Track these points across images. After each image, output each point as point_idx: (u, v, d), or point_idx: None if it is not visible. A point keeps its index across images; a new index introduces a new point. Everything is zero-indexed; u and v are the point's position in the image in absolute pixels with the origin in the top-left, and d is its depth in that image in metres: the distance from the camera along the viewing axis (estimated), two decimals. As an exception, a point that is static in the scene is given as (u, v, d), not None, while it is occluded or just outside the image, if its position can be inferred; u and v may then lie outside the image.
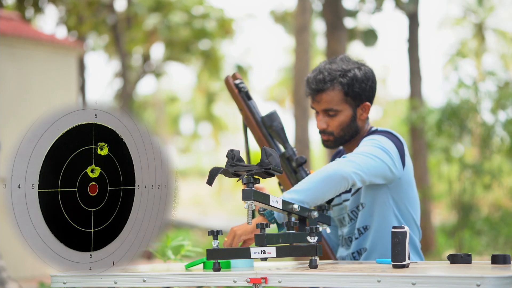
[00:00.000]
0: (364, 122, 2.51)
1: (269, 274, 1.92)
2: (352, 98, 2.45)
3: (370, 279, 1.82)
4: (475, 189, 8.13)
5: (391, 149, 2.38)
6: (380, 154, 2.34)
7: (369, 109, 2.50)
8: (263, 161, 2.03)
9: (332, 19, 7.67)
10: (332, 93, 2.45)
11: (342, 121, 2.46)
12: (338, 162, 2.29)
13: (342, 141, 2.50)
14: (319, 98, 2.47)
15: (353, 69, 2.46)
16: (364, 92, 2.46)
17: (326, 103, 2.46)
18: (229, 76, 2.59)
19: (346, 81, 2.44)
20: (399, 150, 2.41)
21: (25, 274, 7.15)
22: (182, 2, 13.56)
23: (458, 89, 8.01)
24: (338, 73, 2.45)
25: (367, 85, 2.47)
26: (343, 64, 2.47)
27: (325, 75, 2.46)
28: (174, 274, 2.06)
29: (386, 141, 2.40)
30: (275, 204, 2.13)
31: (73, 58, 8.32)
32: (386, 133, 2.46)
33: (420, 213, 2.54)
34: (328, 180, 2.24)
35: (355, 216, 2.49)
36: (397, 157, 2.40)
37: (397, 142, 2.43)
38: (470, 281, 1.72)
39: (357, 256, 2.49)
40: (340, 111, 2.46)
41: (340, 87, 2.44)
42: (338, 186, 2.25)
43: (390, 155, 2.36)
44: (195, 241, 11.21)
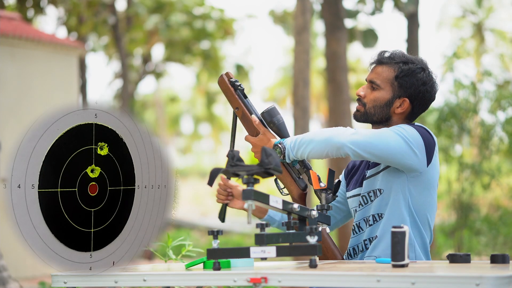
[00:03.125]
0: (398, 117, 2.50)
1: (269, 274, 1.92)
2: (398, 85, 2.47)
3: (369, 279, 1.82)
4: (474, 189, 8.13)
5: (414, 138, 2.36)
6: (393, 137, 2.34)
7: (406, 108, 2.48)
8: (263, 161, 2.03)
9: (332, 19, 7.67)
10: (385, 69, 2.49)
11: (378, 98, 2.48)
12: (343, 131, 2.35)
13: (369, 119, 2.51)
14: (375, 68, 2.51)
15: (416, 65, 2.49)
16: (412, 87, 2.46)
17: (375, 74, 2.50)
18: (223, 75, 2.59)
19: (404, 67, 2.47)
20: (427, 144, 2.39)
21: (26, 274, 7.15)
22: (183, 3, 13.57)
23: (456, 89, 8.01)
24: (403, 58, 2.50)
25: (419, 85, 2.47)
26: (411, 56, 2.52)
27: (390, 53, 2.52)
28: (174, 274, 2.06)
29: (411, 130, 2.38)
30: (275, 204, 2.14)
31: (74, 58, 8.32)
32: (418, 126, 2.44)
33: (434, 218, 2.53)
34: (324, 143, 2.33)
35: (364, 202, 2.48)
36: (421, 149, 2.37)
37: (428, 137, 2.41)
38: (469, 281, 1.72)
39: (368, 243, 2.47)
40: (382, 88, 2.48)
41: (395, 69, 2.48)
42: (330, 152, 2.34)
43: (408, 142, 2.34)
44: (195, 241, 11.22)
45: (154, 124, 22.52)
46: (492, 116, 8.18)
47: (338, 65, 7.57)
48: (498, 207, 9.35)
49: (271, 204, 2.13)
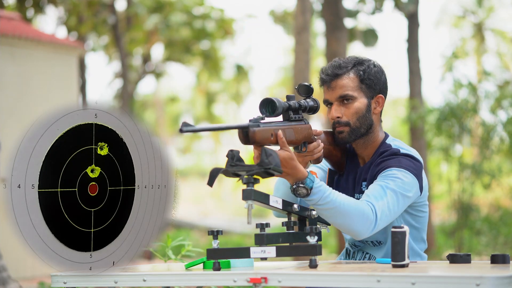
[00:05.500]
0: (378, 117, 2.46)
1: (269, 274, 1.92)
2: (367, 87, 2.41)
3: (370, 279, 1.82)
4: (475, 189, 8.12)
5: (413, 187, 2.32)
6: (400, 203, 2.29)
7: (383, 103, 2.46)
8: (263, 161, 2.03)
9: (332, 19, 7.66)
10: (347, 79, 2.41)
11: (358, 109, 2.40)
12: (365, 222, 2.19)
13: (358, 134, 2.41)
14: (334, 84, 2.41)
15: (368, 61, 2.45)
16: (379, 83, 2.43)
17: (341, 89, 2.40)
18: (251, 130, 2.15)
19: (361, 68, 2.42)
20: (419, 177, 2.35)
21: (26, 274, 7.15)
22: (183, 2, 13.57)
23: (456, 89, 8.00)
24: (354, 61, 2.44)
25: (381, 77, 2.45)
26: (357, 56, 2.47)
27: (340, 62, 2.44)
28: (174, 274, 2.07)
29: (409, 179, 2.31)
30: (275, 204, 2.14)
31: (74, 58, 8.32)
32: (408, 159, 2.36)
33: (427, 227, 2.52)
34: (341, 223, 2.20)
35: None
36: (416, 189, 2.34)
37: (417, 168, 2.36)
38: (469, 281, 1.72)
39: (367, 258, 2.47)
40: (356, 98, 2.40)
41: (356, 73, 2.41)
42: (341, 229, 2.24)
43: (409, 199, 2.31)
44: (195, 241, 11.21)
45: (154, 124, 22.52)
46: (493, 116, 8.18)
47: (338, 65, 7.56)
48: (499, 207, 9.34)
49: (271, 204, 2.13)
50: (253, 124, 2.11)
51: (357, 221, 2.18)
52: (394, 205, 2.26)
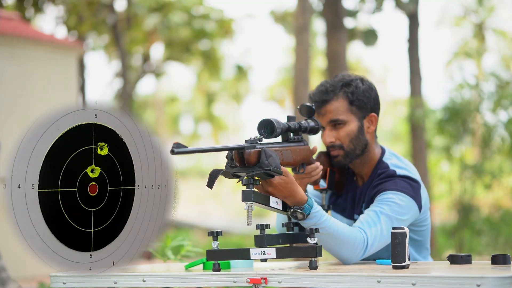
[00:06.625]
0: (372, 136, 2.44)
1: (269, 275, 1.92)
2: (357, 108, 2.38)
3: (370, 280, 1.82)
4: (476, 189, 8.12)
5: (409, 210, 2.31)
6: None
7: (376, 121, 2.43)
8: (263, 162, 2.03)
9: (332, 19, 7.66)
10: (336, 103, 2.38)
11: (350, 131, 2.38)
12: (355, 250, 2.20)
13: (353, 156, 2.40)
14: (324, 110, 2.39)
15: (356, 80, 2.41)
16: (369, 102, 2.40)
17: (331, 114, 2.38)
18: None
19: (349, 89, 2.38)
20: (415, 197, 2.34)
21: (25, 274, 7.14)
22: (182, 2, 13.56)
23: (461, 89, 8.01)
24: (341, 83, 2.40)
25: (371, 95, 2.41)
26: (344, 76, 2.42)
27: (327, 86, 2.40)
28: (174, 275, 2.06)
29: (405, 202, 2.31)
30: (274, 205, 2.13)
31: (73, 58, 8.32)
32: (404, 180, 2.35)
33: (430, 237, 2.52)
34: (333, 249, 2.23)
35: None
36: (414, 211, 2.34)
37: (414, 189, 2.35)
38: (470, 281, 1.72)
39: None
40: (347, 121, 2.38)
41: (344, 96, 2.38)
42: (333, 254, 2.26)
43: (404, 222, 2.30)
44: (195, 241, 11.21)
45: (154, 124, 22.52)
46: (494, 116, 8.19)
47: (338, 65, 7.57)
48: (500, 207, 9.33)
49: (271, 205, 2.12)
50: (249, 146, 2.05)
51: (346, 249, 2.20)
52: (388, 230, 2.25)
